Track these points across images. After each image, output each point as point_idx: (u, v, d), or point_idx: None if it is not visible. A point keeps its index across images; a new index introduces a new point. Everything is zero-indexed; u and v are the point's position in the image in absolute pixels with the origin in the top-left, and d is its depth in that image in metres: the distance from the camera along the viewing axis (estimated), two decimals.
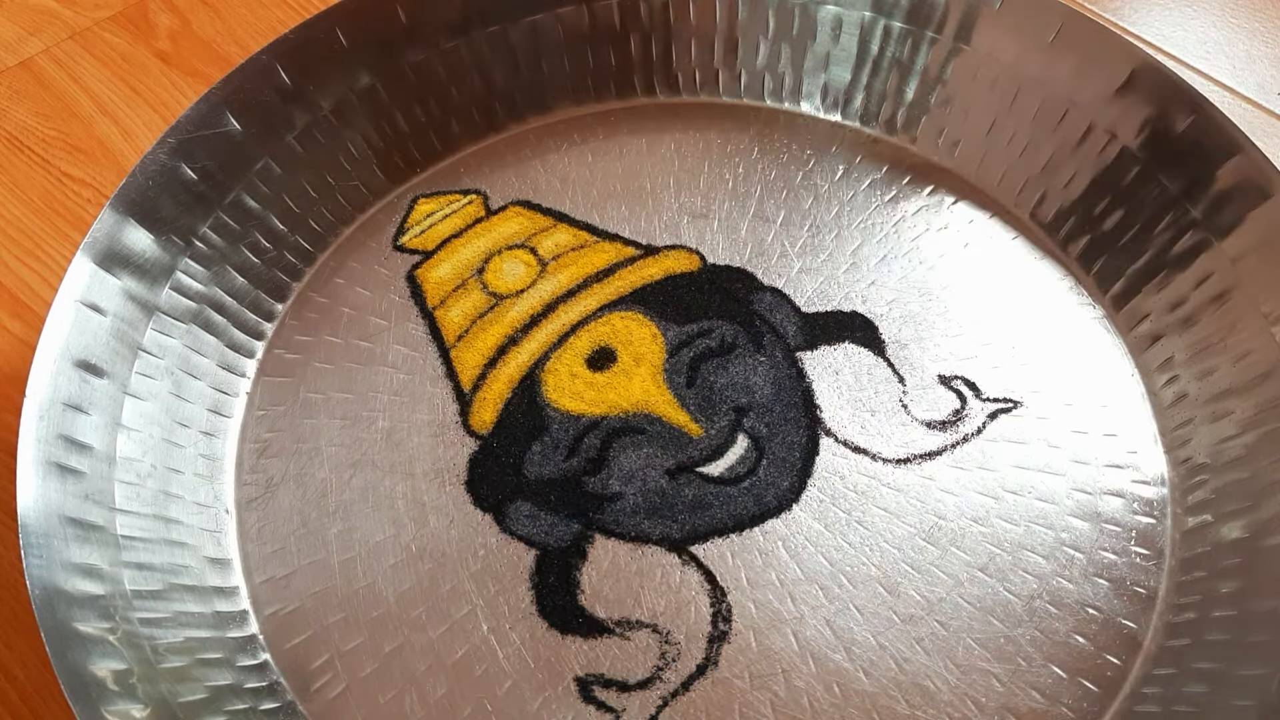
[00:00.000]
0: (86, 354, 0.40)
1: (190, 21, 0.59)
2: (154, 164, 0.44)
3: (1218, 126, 0.43)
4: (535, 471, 0.42)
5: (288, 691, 0.37)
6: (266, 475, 0.42)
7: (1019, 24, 0.48)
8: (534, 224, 0.49)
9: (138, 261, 0.43)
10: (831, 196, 0.50)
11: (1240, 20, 0.58)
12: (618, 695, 0.37)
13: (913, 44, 0.51)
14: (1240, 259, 0.42)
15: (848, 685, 0.37)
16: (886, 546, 0.39)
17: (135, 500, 0.39)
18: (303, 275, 0.48)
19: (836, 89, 0.53)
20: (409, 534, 0.40)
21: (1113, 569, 0.39)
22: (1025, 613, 0.38)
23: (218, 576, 0.39)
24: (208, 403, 0.43)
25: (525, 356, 0.45)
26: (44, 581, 0.34)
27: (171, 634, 0.36)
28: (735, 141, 0.52)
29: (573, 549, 0.40)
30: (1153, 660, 0.37)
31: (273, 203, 0.47)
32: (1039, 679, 0.37)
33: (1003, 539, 0.40)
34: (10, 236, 0.50)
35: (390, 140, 0.51)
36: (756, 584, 0.39)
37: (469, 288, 0.47)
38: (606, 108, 0.53)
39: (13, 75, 0.57)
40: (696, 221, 0.49)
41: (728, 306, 0.46)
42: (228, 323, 0.45)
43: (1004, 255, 0.48)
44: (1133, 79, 0.45)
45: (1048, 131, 0.48)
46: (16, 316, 0.47)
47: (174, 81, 0.56)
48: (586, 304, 0.46)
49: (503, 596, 0.39)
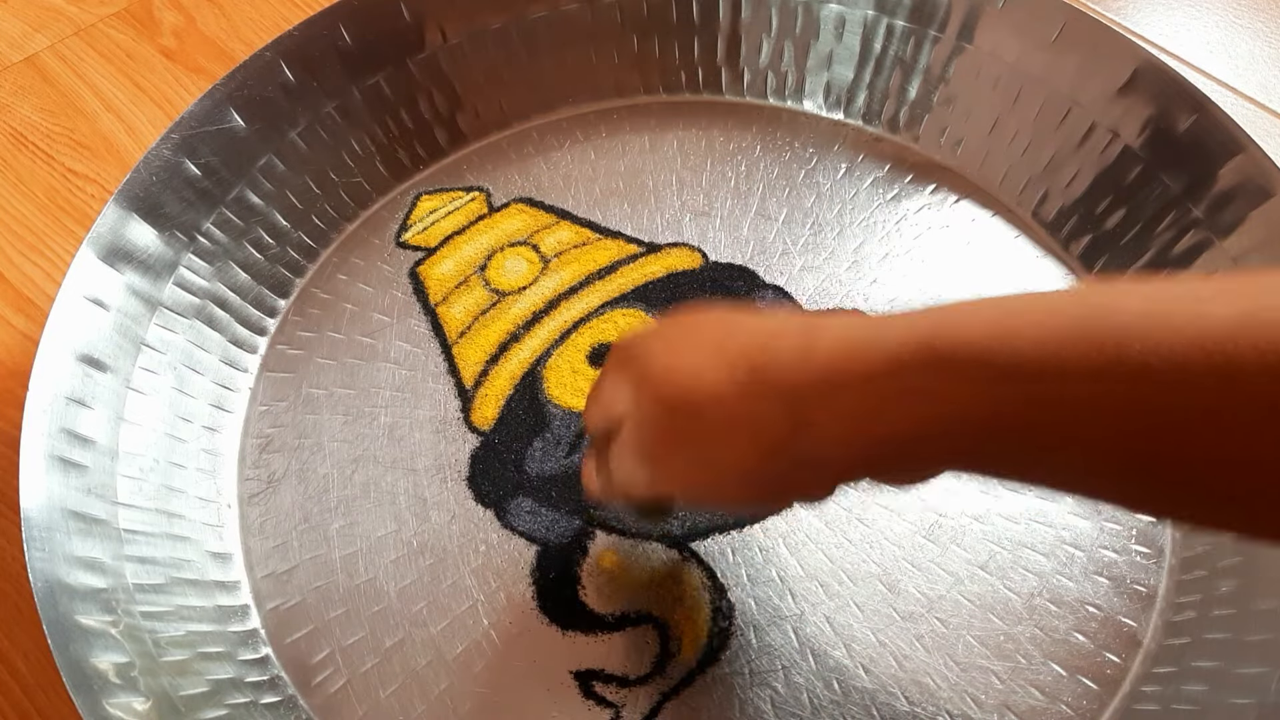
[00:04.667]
0: (90, 349, 0.40)
1: (194, 18, 0.59)
2: (158, 160, 0.44)
3: (1220, 126, 0.43)
4: (537, 468, 0.42)
5: (289, 685, 0.37)
6: (268, 470, 0.42)
7: (1022, 23, 0.48)
8: (536, 221, 0.49)
9: (141, 257, 0.43)
10: (834, 195, 0.50)
11: (1243, 20, 0.58)
12: (617, 690, 0.37)
13: (915, 43, 0.51)
14: (1242, 258, 0.42)
15: (847, 682, 0.37)
16: (887, 544, 0.39)
17: (138, 494, 0.39)
18: (305, 271, 0.48)
19: (839, 87, 0.53)
20: (410, 529, 0.40)
21: (1113, 567, 0.39)
22: (1025, 610, 0.38)
23: (219, 571, 0.39)
24: (210, 398, 0.43)
25: (527, 353, 0.45)
26: (46, 575, 0.34)
27: (173, 628, 0.36)
28: (738, 140, 0.52)
29: (573, 545, 0.40)
30: (1152, 658, 0.37)
31: (276, 199, 0.47)
32: (1039, 676, 0.37)
33: (1003, 537, 0.40)
34: (14, 232, 0.50)
35: (393, 137, 0.51)
36: (757, 580, 0.39)
37: (471, 284, 0.47)
38: (609, 105, 0.54)
39: (18, 71, 0.57)
40: (699, 219, 0.49)
41: (730, 304, 0.46)
42: (230, 318, 0.45)
43: (1006, 254, 0.48)
44: (1135, 78, 0.45)
45: (1050, 130, 0.48)
46: (20, 311, 0.48)
47: (178, 78, 0.56)
48: (588, 301, 0.46)
49: (504, 592, 0.39)
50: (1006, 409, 0.24)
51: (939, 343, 0.24)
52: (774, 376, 0.27)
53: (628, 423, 0.30)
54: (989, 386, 0.24)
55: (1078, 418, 0.23)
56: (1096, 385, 0.22)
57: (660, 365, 0.29)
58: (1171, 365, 0.21)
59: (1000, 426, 0.24)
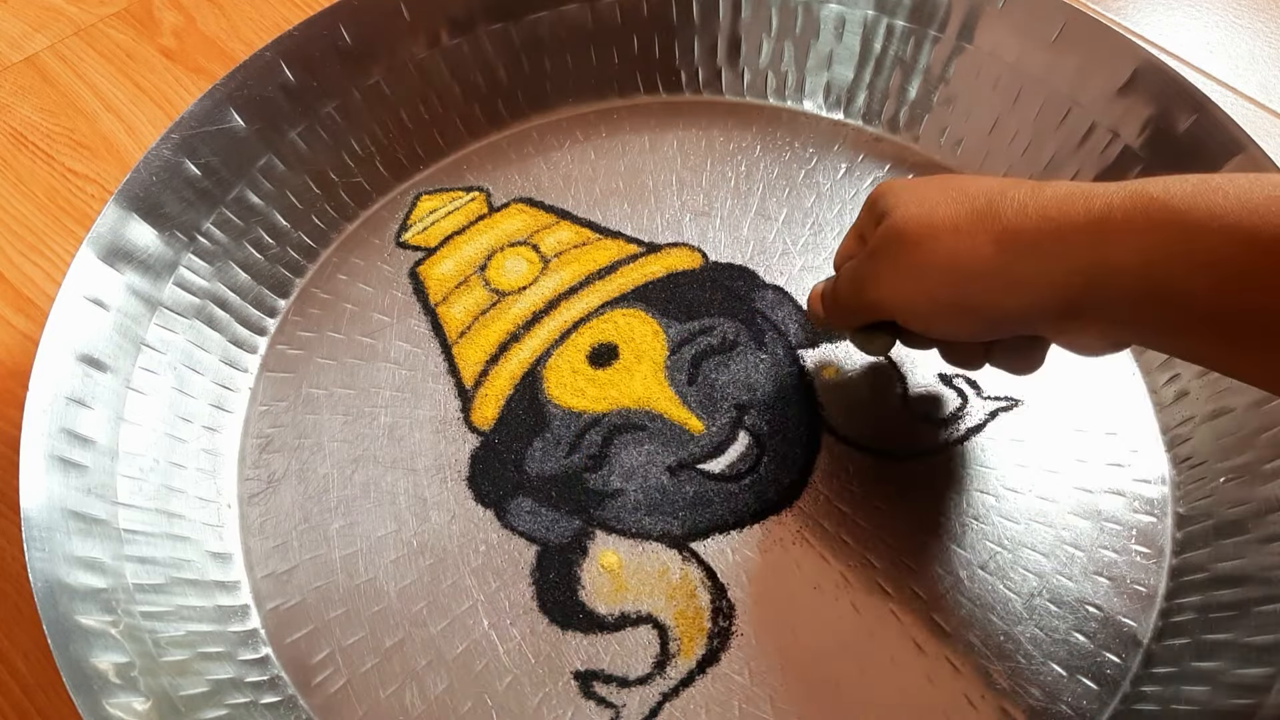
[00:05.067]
0: (90, 349, 0.40)
1: (194, 18, 0.59)
2: (158, 160, 0.44)
3: (1220, 126, 0.43)
4: (537, 468, 0.42)
5: (289, 685, 0.37)
6: (268, 470, 0.42)
7: (1022, 23, 0.48)
8: (536, 221, 0.49)
9: (141, 257, 0.43)
10: (834, 195, 0.50)
11: (1243, 20, 0.58)
12: (618, 691, 0.37)
13: (915, 43, 0.51)
14: None
15: (847, 682, 0.37)
16: (886, 544, 0.39)
17: (138, 494, 0.39)
18: (305, 271, 0.48)
19: (839, 87, 0.53)
20: (410, 529, 0.40)
21: (1113, 567, 0.39)
22: (1025, 610, 0.38)
23: (219, 571, 0.39)
24: (210, 398, 0.43)
25: (527, 353, 0.45)
26: (46, 575, 0.34)
27: (173, 628, 0.36)
28: (738, 139, 0.52)
29: (574, 545, 0.40)
30: (1152, 658, 0.37)
31: (276, 199, 0.47)
32: (1039, 676, 0.37)
33: (1003, 536, 0.40)
34: (14, 232, 0.50)
35: (393, 137, 0.51)
36: (757, 580, 0.39)
37: (471, 284, 0.47)
38: (609, 105, 0.54)
39: (18, 71, 0.57)
40: (699, 219, 0.49)
41: (729, 304, 0.46)
42: (230, 318, 0.45)
43: None
44: (1135, 78, 0.45)
45: (1050, 130, 0.48)
46: (20, 311, 0.48)
47: (178, 78, 0.56)
48: (588, 301, 0.46)
49: (504, 592, 0.39)
50: (1203, 260, 0.27)
51: (1150, 190, 0.28)
52: (1000, 212, 0.31)
53: (870, 246, 0.35)
54: (1189, 235, 0.27)
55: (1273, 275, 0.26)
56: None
57: (904, 200, 0.34)
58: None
59: (1194, 276, 0.27)
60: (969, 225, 0.32)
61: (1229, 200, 0.26)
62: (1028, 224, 0.30)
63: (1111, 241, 0.28)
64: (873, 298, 0.35)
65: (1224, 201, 0.26)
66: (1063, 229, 0.29)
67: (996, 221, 0.31)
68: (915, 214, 0.33)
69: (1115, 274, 0.28)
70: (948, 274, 0.32)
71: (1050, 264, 0.30)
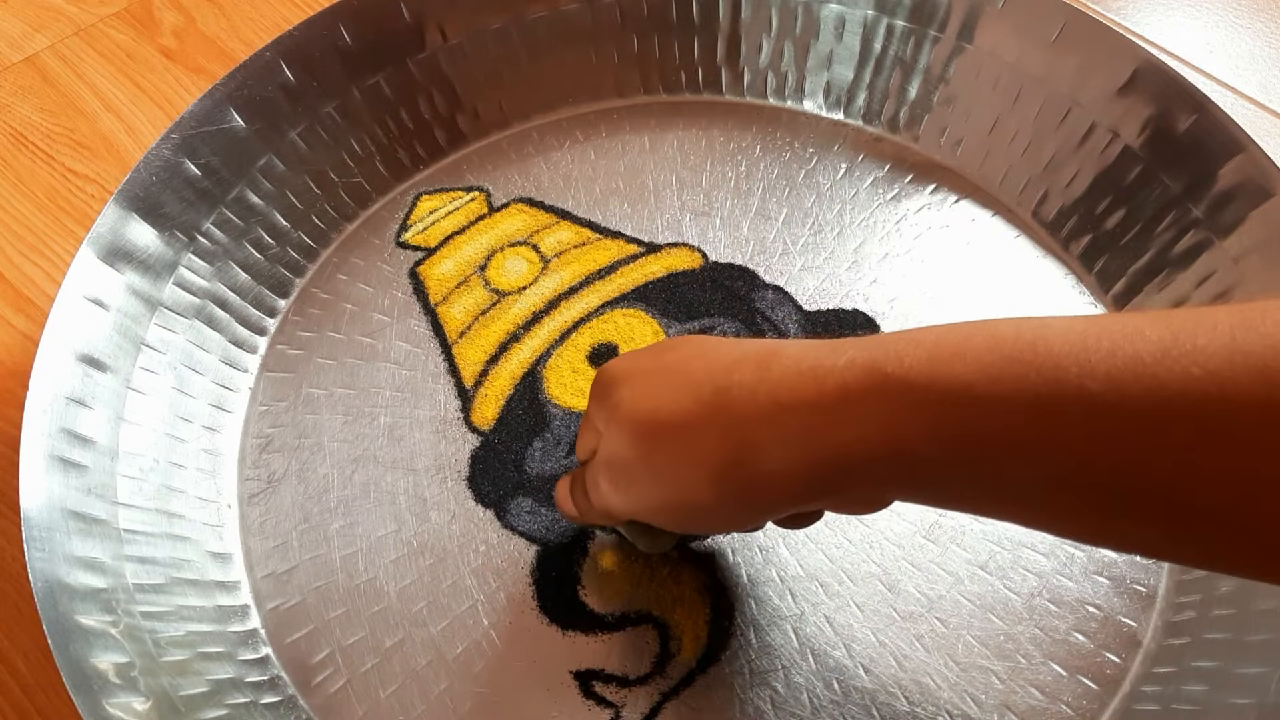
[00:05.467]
0: (90, 349, 0.40)
1: (194, 18, 0.59)
2: (158, 160, 0.44)
3: (1220, 126, 0.43)
4: (537, 468, 0.42)
5: (289, 685, 0.37)
6: (268, 470, 0.42)
7: (1022, 23, 0.48)
8: (536, 221, 0.49)
9: (141, 257, 0.43)
10: (834, 195, 0.50)
11: (1243, 20, 0.58)
12: (617, 690, 0.37)
13: (915, 43, 0.51)
14: (1242, 258, 0.42)
15: (847, 682, 0.37)
16: (887, 543, 0.39)
17: (138, 494, 0.39)
18: (305, 271, 0.48)
19: (839, 87, 0.53)
20: (410, 529, 0.40)
21: (1113, 567, 0.39)
22: (1025, 610, 0.38)
23: (219, 571, 0.39)
24: (210, 398, 0.43)
25: (527, 353, 0.45)
26: (46, 575, 0.34)
27: (173, 628, 0.36)
28: (738, 140, 0.52)
29: (573, 545, 0.40)
30: (1152, 658, 0.37)
31: (276, 199, 0.47)
32: (1039, 676, 0.37)
33: (1003, 536, 0.40)
34: (14, 232, 0.50)
35: (393, 137, 0.51)
36: (756, 580, 0.39)
37: (471, 284, 0.47)
38: (609, 105, 0.54)
39: (18, 71, 0.57)
40: (699, 219, 0.49)
41: (729, 304, 0.46)
42: (230, 318, 0.45)
43: (1006, 254, 0.48)
44: (1135, 78, 0.45)
45: (1050, 130, 0.48)
46: (20, 311, 0.48)
47: (178, 78, 0.56)
48: (588, 301, 0.46)
49: (504, 592, 0.39)
50: (949, 434, 0.24)
51: (884, 367, 0.25)
52: (729, 402, 0.28)
53: (601, 448, 0.32)
54: (930, 411, 0.24)
55: (1020, 443, 0.23)
56: (1035, 411, 0.23)
57: (628, 394, 0.31)
58: (1107, 388, 0.22)
59: (944, 452, 0.25)
60: (699, 420, 0.28)
61: (968, 368, 0.24)
62: (759, 412, 0.27)
63: (851, 423, 0.26)
64: (615, 505, 0.32)
65: (962, 369, 0.24)
66: (797, 414, 0.27)
67: (726, 414, 0.28)
68: (643, 411, 0.30)
69: (863, 452, 0.26)
70: (685, 480, 0.29)
71: (791, 451, 0.27)
